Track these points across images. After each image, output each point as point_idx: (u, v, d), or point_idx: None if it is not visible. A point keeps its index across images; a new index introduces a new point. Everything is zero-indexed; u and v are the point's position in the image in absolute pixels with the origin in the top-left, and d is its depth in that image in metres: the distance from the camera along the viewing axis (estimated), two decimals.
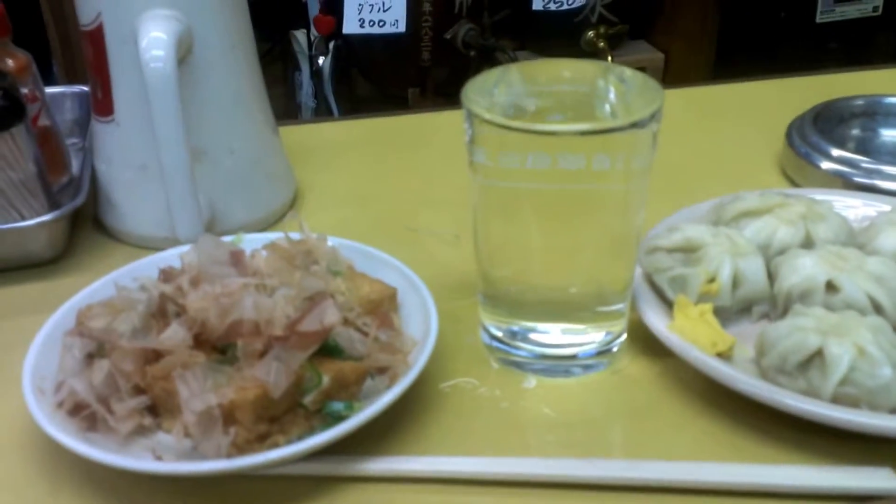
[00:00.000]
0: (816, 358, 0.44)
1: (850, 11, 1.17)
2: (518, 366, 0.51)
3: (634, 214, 0.47)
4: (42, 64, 0.70)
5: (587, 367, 0.50)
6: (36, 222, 0.59)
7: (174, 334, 0.40)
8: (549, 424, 0.47)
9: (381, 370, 0.45)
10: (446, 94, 1.35)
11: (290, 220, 0.65)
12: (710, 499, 0.42)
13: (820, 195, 0.58)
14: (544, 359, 0.50)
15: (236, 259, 0.45)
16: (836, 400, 0.43)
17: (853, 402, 0.43)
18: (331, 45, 1.38)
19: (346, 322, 0.46)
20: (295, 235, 0.51)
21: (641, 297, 0.51)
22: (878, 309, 0.48)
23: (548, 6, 1.29)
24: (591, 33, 1.37)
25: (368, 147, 0.81)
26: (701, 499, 0.42)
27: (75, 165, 0.72)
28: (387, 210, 0.69)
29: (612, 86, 0.46)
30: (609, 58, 1.35)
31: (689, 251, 0.52)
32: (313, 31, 1.39)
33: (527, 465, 0.44)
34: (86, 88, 0.75)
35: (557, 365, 0.50)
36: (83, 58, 0.61)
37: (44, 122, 0.68)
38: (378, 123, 0.86)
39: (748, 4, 1.26)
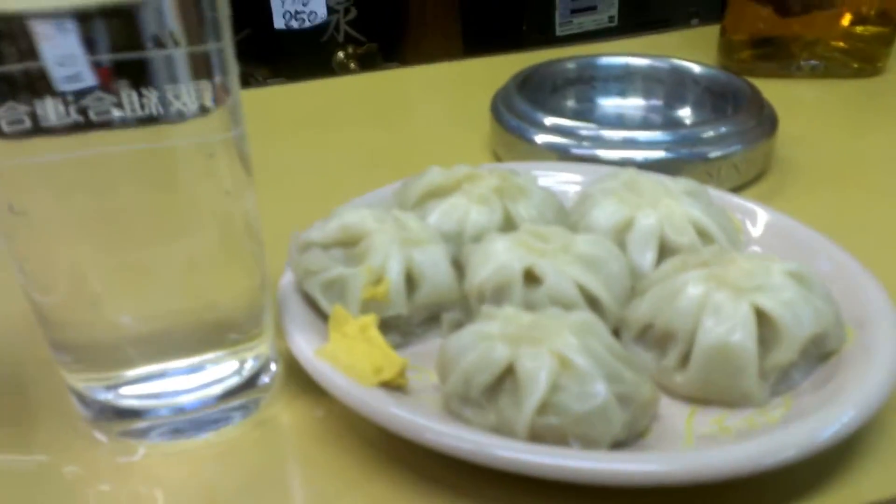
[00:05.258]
0: (509, 378, 0.31)
1: (587, 23, 1.15)
2: (129, 434, 0.34)
3: (227, 191, 0.31)
4: None
5: (220, 419, 0.35)
6: None
7: None
8: None
9: None
10: None
11: None
12: None
13: (524, 167, 0.45)
14: (158, 418, 0.34)
15: None
16: (537, 435, 0.29)
17: (560, 437, 0.29)
18: None
19: None
20: None
21: (289, 312, 0.36)
22: (592, 302, 0.35)
23: (290, 24, 1.21)
24: (340, 54, 1.28)
25: None
26: None
27: None
28: None
29: None
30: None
31: (349, 245, 0.38)
32: None
33: None
34: None
35: (177, 422, 0.34)
36: None
37: None
38: None
39: (488, 20, 1.22)
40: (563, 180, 0.46)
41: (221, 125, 0.30)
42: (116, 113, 0.27)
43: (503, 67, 0.63)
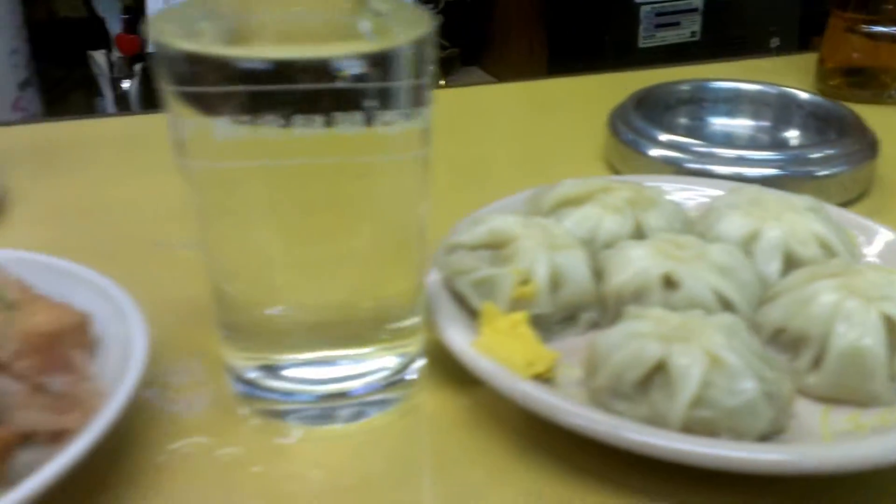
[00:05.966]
0: (659, 373, 0.34)
1: (669, 37, 1.19)
2: (278, 415, 0.37)
3: (411, 199, 0.35)
4: None
5: (370, 407, 0.38)
6: None
7: None
8: (318, 491, 0.34)
9: (57, 434, 0.31)
10: None
11: None
12: None
13: (650, 181, 0.48)
14: (310, 402, 0.37)
15: None
16: (689, 427, 0.32)
17: (710, 429, 0.32)
18: (136, 67, 1.21)
19: None
20: None
21: (440, 308, 0.40)
22: (726, 306, 0.38)
23: None
24: None
25: (105, 150, 0.67)
26: None
27: None
28: (126, 222, 0.55)
29: (367, 19, 0.34)
30: (442, 81, 1.31)
31: (496, 247, 0.41)
32: (115, 51, 1.22)
33: None
34: None
35: (329, 408, 0.37)
36: None
37: None
38: (119, 123, 0.73)
39: (573, 30, 1.26)
40: (695, 194, 0.49)
41: (419, 144, 0.34)
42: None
43: (615, 83, 0.67)
